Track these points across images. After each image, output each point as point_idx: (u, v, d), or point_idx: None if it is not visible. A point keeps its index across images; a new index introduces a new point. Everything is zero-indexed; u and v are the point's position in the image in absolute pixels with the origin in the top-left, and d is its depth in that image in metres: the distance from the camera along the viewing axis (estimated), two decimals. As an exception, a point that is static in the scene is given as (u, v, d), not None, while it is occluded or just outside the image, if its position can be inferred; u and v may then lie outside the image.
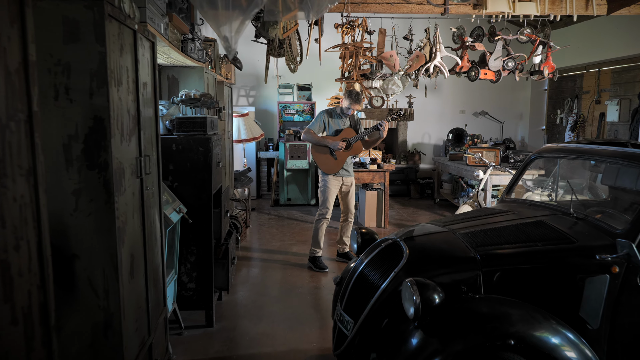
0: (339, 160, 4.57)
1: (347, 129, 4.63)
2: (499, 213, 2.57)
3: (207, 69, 4.35)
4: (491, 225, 2.37)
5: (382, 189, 6.34)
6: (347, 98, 4.50)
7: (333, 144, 4.48)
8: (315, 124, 4.59)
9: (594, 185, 3.39)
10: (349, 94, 4.51)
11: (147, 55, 2.38)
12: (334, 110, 4.67)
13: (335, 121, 4.62)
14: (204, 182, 3.17)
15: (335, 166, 4.58)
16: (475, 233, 2.28)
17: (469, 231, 2.31)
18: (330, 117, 4.62)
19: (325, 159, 4.56)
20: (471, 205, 5.36)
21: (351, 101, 4.48)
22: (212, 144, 3.19)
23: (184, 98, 3.13)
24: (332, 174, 4.57)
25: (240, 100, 8.63)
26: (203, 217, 3.21)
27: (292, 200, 7.78)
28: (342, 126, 4.64)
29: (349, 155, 4.61)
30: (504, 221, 2.41)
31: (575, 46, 7.29)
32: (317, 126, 4.58)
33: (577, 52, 7.65)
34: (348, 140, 4.56)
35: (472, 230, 2.31)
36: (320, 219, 4.58)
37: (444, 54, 5.34)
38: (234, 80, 6.02)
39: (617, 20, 6.79)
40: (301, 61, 4.72)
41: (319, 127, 4.59)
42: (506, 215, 2.51)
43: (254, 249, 5.30)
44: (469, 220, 2.50)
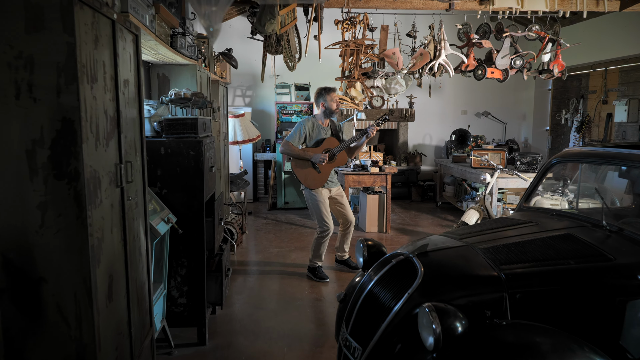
0: (322, 174, 4.23)
1: (330, 139, 4.28)
2: (521, 224, 2.33)
3: (199, 67, 4.10)
4: (514, 239, 2.12)
5: (384, 192, 6.09)
6: (325, 94, 4.15)
7: (315, 157, 4.13)
8: (295, 136, 4.18)
9: (614, 191, 3.16)
10: (323, 90, 4.17)
11: (129, 50, 2.12)
12: (315, 118, 4.31)
13: (317, 130, 4.25)
14: (196, 188, 2.92)
15: (319, 180, 4.23)
16: (498, 248, 2.04)
17: (490, 246, 2.07)
18: (312, 127, 4.23)
19: (307, 173, 4.20)
20: (477, 210, 5.12)
21: (328, 93, 4.12)
22: (205, 147, 2.94)
23: (174, 97, 2.88)
24: (316, 187, 4.25)
25: (236, 101, 8.39)
26: (194, 227, 2.96)
27: (290, 203, 7.54)
28: (324, 135, 4.28)
29: (333, 167, 4.28)
30: (528, 234, 2.17)
31: (581, 45, 7.09)
32: (296, 138, 4.18)
33: (583, 51, 7.43)
34: (331, 151, 4.24)
35: (493, 245, 2.07)
36: (322, 234, 4.29)
37: (449, 51, 5.11)
38: (229, 79, 5.77)
39: (625, 18, 6.58)
40: (300, 58, 4.47)
41: (298, 138, 4.19)
42: (529, 227, 2.27)
43: (250, 257, 5.04)
44: (488, 233, 2.26)
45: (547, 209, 2.68)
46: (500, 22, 5.14)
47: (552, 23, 5.29)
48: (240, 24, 8.05)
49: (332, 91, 4.10)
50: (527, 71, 5.28)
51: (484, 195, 5.16)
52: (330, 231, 4.30)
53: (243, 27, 8.00)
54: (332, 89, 4.12)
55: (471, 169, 6.43)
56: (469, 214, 5.09)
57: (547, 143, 8.93)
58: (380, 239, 5.79)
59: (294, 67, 4.58)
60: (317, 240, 4.33)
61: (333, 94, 4.11)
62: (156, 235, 2.51)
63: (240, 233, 5.28)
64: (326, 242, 4.35)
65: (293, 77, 7.98)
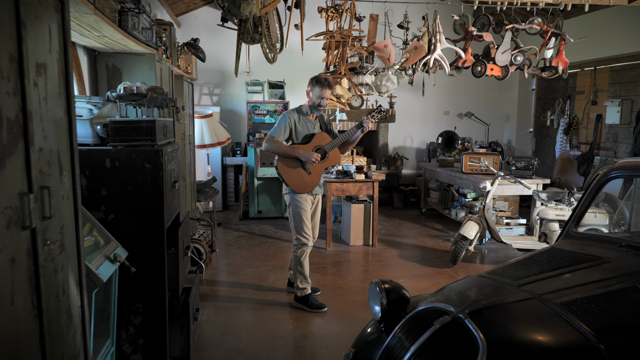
0: (313, 175, 3.60)
1: (320, 134, 3.65)
2: (591, 262, 1.77)
3: (160, 58, 3.39)
4: (598, 288, 1.55)
5: (370, 201, 5.51)
6: (316, 84, 3.49)
7: (306, 155, 3.50)
8: (280, 130, 3.55)
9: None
10: (316, 79, 3.52)
11: (48, 22, 1.43)
12: (300, 110, 3.68)
13: (304, 124, 3.64)
14: (154, 212, 2.24)
15: (310, 183, 3.61)
16: (581, 304, 1.47)
17: (569, 299, 1.49)
18: (298, 120, 3.62)
19: (296, 174, 3.57)
20: (477, 221, 4.61)
21: (321, 86, 3.48)
22: (165, 158, 2.25)
23: (123, 93, 2.19)
24: (306, 192, 3.63)
25: (203, 99, 7.64)
26: (152, 261, 2.27)
27: (263, 212, 6.86)
28: (313, 130, 3.66)
29: (325, 167, 3.67)
30: (611, 279, 1.61)
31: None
32: (282, 132, 3.55)
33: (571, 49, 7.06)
34: (323, 149, 3.62)
35: (573, 298, 1.50)
36: (301, 247, 3.66)
37: (445, 45, 4.57)
38: (195, 75, 5.06)
39: (617, 15, 6.24)
40: (282, 49, 3.81)
41: (284, 133, 3.56)
42: (606, 268, 1.71)
43: (221, 281, 4.35)
44: (553, 276, 1.68)
45: (608, 237, 2.14)
46: (500, 13, 4.65)
47: (553, 17, 4.83)
48: (206, 15, 7.31)
49: (325, 86, 3.47)
50: (527, 68, 4.80)
51: (483, 205, 4.65)
52: (310, 245, 3.68)
53: (209, 17, 7.27)
54: (327, 83, 3.47)
55: (462, 175, 5.93)
56: (468, 226, 4.57)
57: (531, 145, 8.58)
58: (367, 253, 5.21)
59: (274, 59, 3.92)
60: (296, 258, 3.69)
61: (326, 90, 3.48)
62: (97, 283, 1.82)
63: (209, 252, 4.58)
64: (307, 258, 3.72)
65: (266, 74, 7.30)
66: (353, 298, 3.91)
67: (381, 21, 4.69)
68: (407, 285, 4.33)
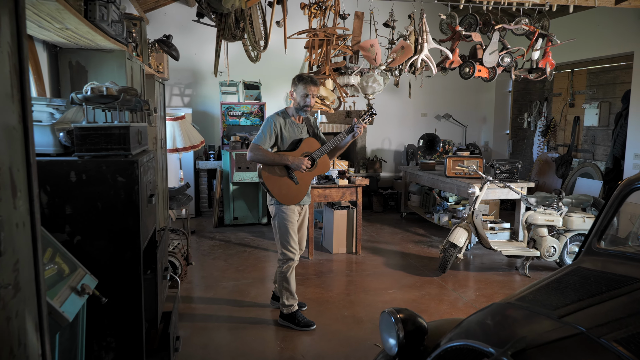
0: (301, 185, 3.32)
1: (308, 140, 3.34)
2: (628, 284, 1.59)
3: (130, 55, 3.07)
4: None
5: (353, 207, 5.29)
6: (300, 82, 3.18)
7: (296, 162, 3.21)
8: (265, 137, 3.21)
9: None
10: (299, 77, 3.21)
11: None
12: (286, 113, 3.33)
13: (290, 129, 3.31)
14: (128, 231, 1.94)
15: (298, 194, 3.33)
16: (638, 340, 1.27)
17: (623, 335, 1.29)
18: (283, 124, 3.29)
19: (282, 184, 3.26)
20: (466, 228, 4.45)
21: (305, 83, 3.17)
22: (141, 170, 1.96)
23: (90, 95, 1.88)
24: (294, 204, 3.35)
25: (174, 100, 7.25)
26: (127, 289, 1.97)
27: (239, 219, 6.55)
28: (300, 135, 3.36)
29: (314, 176, 3.41)
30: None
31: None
32: (267, 139, 3.21)
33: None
34: (311, 156, 3.32)
35: (627, 334, 1.29)
36: (287, 262, 3.39)
37: (432, 45, 4.39)
38: (167, 74, 4.72)
39: (595, 17, 6.25)
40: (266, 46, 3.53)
41: (270, 139, 3.22)
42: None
43: (198, 297, 4.03)
44: (595, 304, 1.48)
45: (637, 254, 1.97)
46: (487, 13, 4.51)
47: (540, 17, 4.73)
48: (177, 11, 6.94)
49: (309, 82, 3.17)
50: (514, 69, 4.68)
51: (472, 210, 4.50)
52: (296, 260, 3.41)
53: (180, 14, 6.91)
54: (311, 79, 3.19)
55: (445, 179, 5.79)
56: (457, 233, 4.40)
57: (508, 147, 8.57)
58: (351, 262, 4.99)
59: (258, 57, 3.63)
60: (281, 274, 3.41)
61: (311, 86, 3.17)
62: (61, 323, 1.52)
63: (185, 265, 4.26)
64: (293, 274, 3.46)
65: (241, 74, 6.99)
66: (341, 313, 3.67)
67: (366, 19, 4.48)
68: (397, 297, 4.15)
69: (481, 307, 3.74)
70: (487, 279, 4.47)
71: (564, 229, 4.57)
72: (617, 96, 6.34)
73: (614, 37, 6.02)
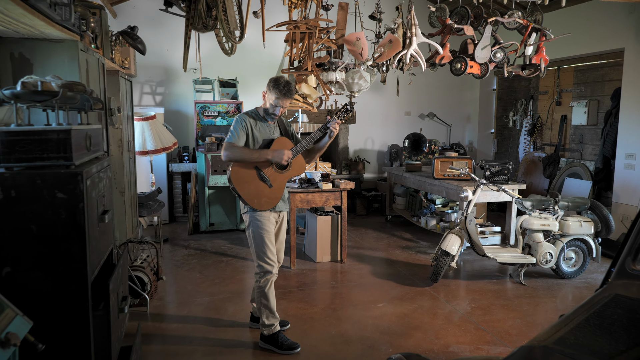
0: (275, 189, 3.01)
1: (280, 140, 3.06)
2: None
3: (85, 47, 2.68)
4: None
5: (338, 213, 4.98)
6: (274, 90, 2.93)
7: (277, 154, 2.92)
8: (237, 135, 2.94)
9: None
10: (275, 83, 2.93)
11: None
12: (256, 113, 3.08)
13: (261, 129, 3.04)
14: (71, 260, 1.57)
15: (272, 198, 3.01)
16: None
17: None
18: (254, 124, 3.02)
19: (253, 188, 2.95)
20: (458, 234, 4.18)
21: (279, 94, 2.91)
22: (88, 183, 1.59)
23: (21, 90, 1.51)
24: (267, 209, 3.02)
25: (145, 99, 6.81)
26: (71, 329, 1.60)
27: (216, 225, 6.16)
28: (272, 135, 3.07)
29: (288, 178, 3.09)
30: None
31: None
32: (239, 137, 2.95)
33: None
34: None
35: None
36: (264, 276, 3.04)
37: (421, 39, 4.10)
38: (134, 71, 4.32)
39: (584, 13, 6.06)
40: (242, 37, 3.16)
41: (241, 138, 2.96)
42: None
43: (170, 315, 3.65)
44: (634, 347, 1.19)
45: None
46: (479, 6, 4.24)
47: (532, 10, 4.48)
48: (146, 4, 6.50)
49: (284, 94, 2.89)
50: (507, 65, 4.42)
51: (465, 215, 4.23)
52: (275, 272, 3.06)
53: (151, 7, 6.47)
54: (287, 90, 2.89)
55: (433, 181, 5.52)
56: (449, 240, 4.13)
57: (493, 146, 8.38)
58: (336, 271, 4.67)
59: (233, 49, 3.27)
60: (259, 289, 3.06)
61: (284, 99, 2.91)
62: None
63: (154, 280, 3.87)
64: (272, 287, 3.11)
65: (217, 72, 6.59)
66: (328, 332, 3.35)
67: (351, 11, 4.16)
68: (388, 311, 3.83)
69: (478, 321, 3.46)
70: (481, 288, 4.21)
71: (560, 234, 4.34)
72: (606, 94, 6.18)
73: (604, 33, 5.84)
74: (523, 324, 3.48)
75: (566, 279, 4.42)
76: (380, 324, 3.46)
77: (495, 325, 3.45)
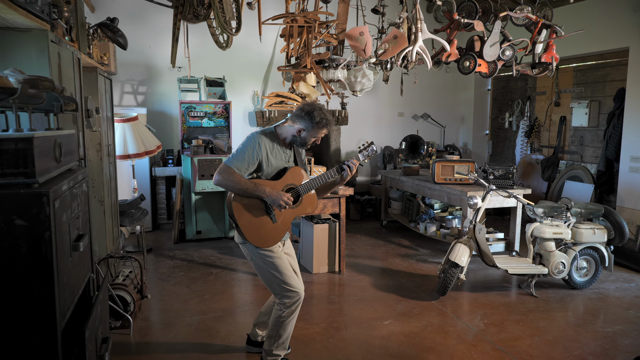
0: (279, 225, 2.59)
1: (294, 170, 2.63)
2: None
3: (58, 39, 2.32)
4: None
5: (335, 220, 4.67)
6: (314, 125, 2.50)
7: (273, 197, 2.48)
8: (244, 161, 2.49)
9: None
10: (312, 116, 2.49)
11: None
12: (275, 136, 2.61)
13: (278, 155, 2.60)
14: (35, 303, 1.23)
15: (274, 235, 2.59)
16: None
17: None
18: (271, 147, 2.57)
19: (256, 222, 2.53)
20: (467, 244, 3.91)
21: (320, 128, 2.51)
22: (56, 205, 1.25)
23: (-34, 86, 1.16)
24: (268, 246, 2.59)
25: (126, 99, 6.41)
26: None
27: (203, 233, 5.80)
28: (287, 163, 2.65)
29: (296, 214, 2.67)
30: None
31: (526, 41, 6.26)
32: (245, 162, 2.49)
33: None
34: (296, 190, 2.60)
35: None
36: (291, 306, 2.64)
37: (427, 35, 3.81)
38: (114, 68, 3.95)
39: (586, 11, 5.87)
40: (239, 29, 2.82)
41: (248, 165, 2.50)
42: None
43: (154, 341, 3.29)
44: None
45: None
46: (488, 0, 3.97)
47: (541, 6, 4.24)
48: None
49: (325, 126, 2.52)
50: (516, 64, 4.17)
51: (473, 224, 3.96)
52: (301, 297, 2.67)
53: (131, 1, 6.08)
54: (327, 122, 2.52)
55: (433, 185, 5.25)
56: (458, 250, 3.85)
57: (488, 148, 8.18)
58: (335, 284, 4.36)
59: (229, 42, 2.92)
60: (280, 319, 2.66)
61: (324, 130, 2.54)
62: None
63: (138, 299, 3.50)
64: (295, 319, 2.75)
65: (203, 70, 6.23)
66: (334, 356, 3.03)
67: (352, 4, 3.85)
68: (396, 330, 3.49)
69: (494, 339, 3.16)
70: (491, 301, 3.95)
71: (572, 242, 4.11)
72: (608, 95, 6.00)
73: (606, 31, 5.65)
74: (542, 343, 3.22)
75: (578, 289, 4.19)
76: (389, 346, 3.16)
77: (513, 345, 3.18)
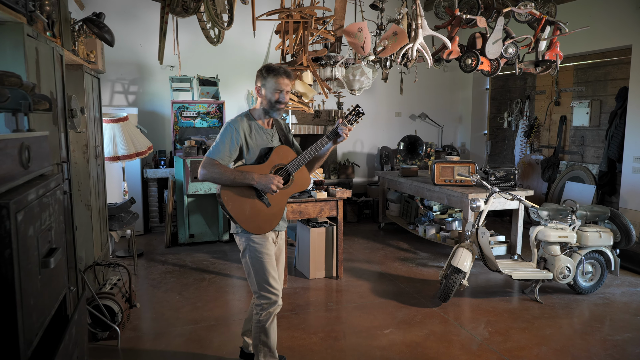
0: (274, 208, 2.50)
1: (280, 148, 2.54)
2: None
3: (36, 33, 2.16)
4: None
5: (332, 224, 4.52)
6: (268, 76, 2.44)
7: (263, 182, 2.40)
8: (224, 149, 2.43)
9: None
10: (267, 69, 2.46)
11: None
12: (251, 116, 2.55)
13: (258, 135, 2.53)
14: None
15: (271, 219, 2.51)
16: None
17: None
18: (249, 131, 2.50)
19: (249, 209, 2.44)
20: (469, 248, 3.77)
21: (276, 75, 2.42)
22: (19, 218, 1.09)
23: None
24: (266, 232, 2.52)
25: (116, 99, 6.23)
26: None
27: (196, 236, 5.63)
28: (270, 142, 2.57)
29: (290, 194, 2.56)
30: None
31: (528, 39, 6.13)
32: (226, 152, 2.43)
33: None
34: (285, 169, 2.51)
35: None
36: (268, 308, 2.56)
37: (428, 32, 3.67)
38: (102, 66, 3.78)
39: (587, 8, 5.75)
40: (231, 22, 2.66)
41: (230, 152, 2.44)
42: None
43: (144, 352, 3.13)
44: None
45: None
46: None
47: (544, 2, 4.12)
48: (117, -6, 5.93)
49: (281, 74, 2.41)
50: (519, 62, 4.04)
51: (476, 228, 3.82)
52: (279, 302, 2.58)
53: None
54: (283, 70, 2.42)
55: (433, 187, 5.11)
56: (460, 255, 3.71)
57: (486, 148, 8.05)
58: (332, 290, 4.21)
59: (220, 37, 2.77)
60: (259, 324, 2.57)
61: (284, 78, 2.41)
62: None
63: (127, 308, 3.34)
64: (274, 323, 2.64)
65: (195, 69, 6.06)
66: (332, 368, 2.89)
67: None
68: (397, 339, 3.33)
69: (500, 349, 3.00)
70: (494, 307, 3.81)
71: (578, 246, 3.98)
72: (609, 94, 5.88)
73: (609, 29, 5.53)
74: (550, 353, 3.08)
75: (583, 294, 4.06)
76: (390, 357, 3.01)
77: (520, 355, 3.04)
